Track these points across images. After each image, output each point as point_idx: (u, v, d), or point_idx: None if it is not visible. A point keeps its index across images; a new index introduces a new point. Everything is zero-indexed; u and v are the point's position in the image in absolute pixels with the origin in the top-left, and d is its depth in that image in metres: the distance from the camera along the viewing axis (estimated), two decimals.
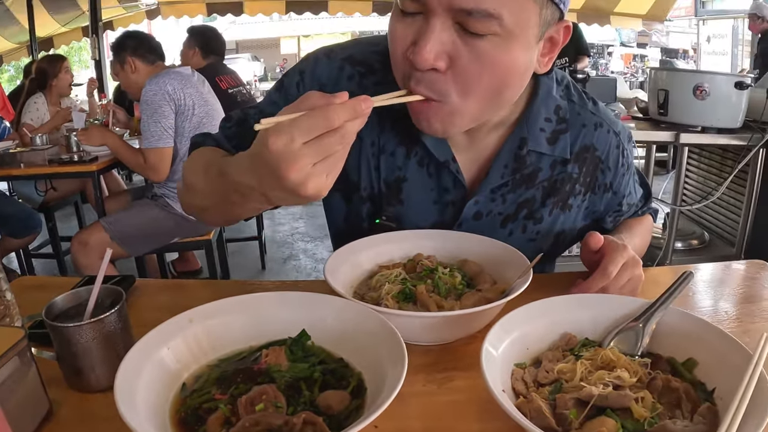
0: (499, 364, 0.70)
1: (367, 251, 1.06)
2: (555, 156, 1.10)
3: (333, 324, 0.79)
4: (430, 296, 0.90)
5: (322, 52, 1.12)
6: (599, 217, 1.24)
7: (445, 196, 1.11)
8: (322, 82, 1.08)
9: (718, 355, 0.72)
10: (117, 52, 3.08)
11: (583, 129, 1.12)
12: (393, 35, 0.89)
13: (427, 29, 0.83)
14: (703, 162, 4.27)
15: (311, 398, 0.67)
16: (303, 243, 5.12)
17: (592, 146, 1.13)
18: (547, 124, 1.08)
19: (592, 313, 0.82)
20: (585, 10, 8.41)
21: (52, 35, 9.71)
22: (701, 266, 1.26)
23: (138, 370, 0.65)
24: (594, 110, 1.15)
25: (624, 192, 1.22)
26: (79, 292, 0.83)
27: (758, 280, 1.17)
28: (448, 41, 0.83)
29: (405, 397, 0.72)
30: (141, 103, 2.85)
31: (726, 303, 1.08)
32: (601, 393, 0.63)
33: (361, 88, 1.06)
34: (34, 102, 4.54)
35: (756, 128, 3.53)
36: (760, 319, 1.00)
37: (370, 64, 1.08)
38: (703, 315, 0.99)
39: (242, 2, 8.75)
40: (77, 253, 2.81)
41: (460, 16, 0.81)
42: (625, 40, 26.72)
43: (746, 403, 0.61)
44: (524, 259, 0.96)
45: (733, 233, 3.98)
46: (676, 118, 3.67)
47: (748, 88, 3.51)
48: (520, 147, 1.07)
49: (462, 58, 0.84)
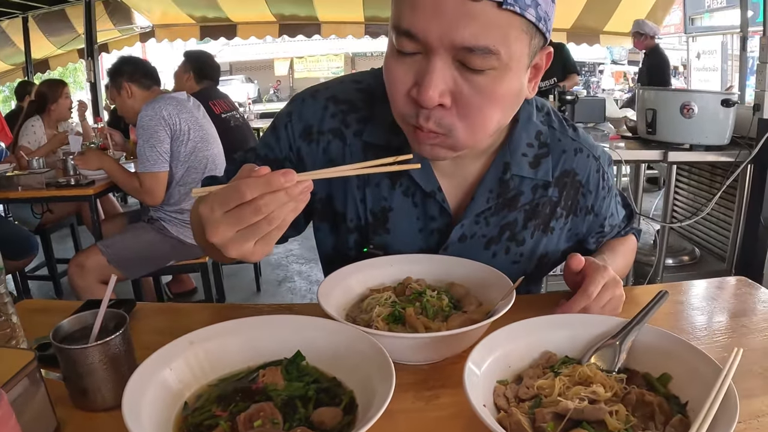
0: (482, 381, 0.74)
1: (358, 275, 1.10)
2: (537, 179, 1.14)
3: (326, 345, 0.83)
4: (418, 318, 0.94)
5: (308, 93, 1.18)
6: (582, 238, 1.28)
7: (430, 224, 1.16)
8: (309, 122, 1.14)
9: (691, 369, 0.76)
10: (113, 78, 3.14)
11: (564, 154, 1.17)
12: (393, 77, 0.93)
13: (429, 69, 0.86)
14: (693, 179, 4.34)
15: (306, 415, 0.71)
16: (297, 265, 5.16)
17: (572, 171, 1.18)
18: (529, 149, 1.13)
19: (571, 332, 0.86)
20: (575, 29, 8.58)
21: (47, 57, 9.80)
22: (684, 284, 1.31)
23: (142, 389, 0.69)
24: (574, 136, 1.20)
25: (605, 214, 1.27)
26: (84, 316, 0.86)
27: (739, 296, 1.22)
28: (450, 79, 0.88)
29: (394, 413, 0.76)
30: (137, 128, 2.90)
31: (707, 318, 1.12)
32: (577, 407, 0.68)
33: (344, 125, 1.13)
34: (31, 125, 4.57)
35: (743, 144, 3.60)
36: (738, 334, 1.04)
37: (353, 102, 1.14)
38: (685, 331, 1.04)
39: (235, 25, 8.88)
40: (74, 275, 2.84)
41: (460, 54, 0.85)
42: (616, 58, 26.92)
43: (714, 413, 0.66)
44: (508, 281, 1.01)
45: (723, 249, 4.04)
46: (664, 137, 3.73)
47: (734, 106, 3.58)
48: (503, 172, 1.11)
49: (464, 93, 0.88)
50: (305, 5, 8.20)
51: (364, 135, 1.12)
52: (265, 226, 0.74)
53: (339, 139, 1.13)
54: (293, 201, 0.73)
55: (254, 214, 0.72)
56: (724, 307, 1.18)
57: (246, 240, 0.75)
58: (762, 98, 3.54)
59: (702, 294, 1.27)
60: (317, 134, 1.14)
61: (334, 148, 1.14)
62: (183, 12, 8.51)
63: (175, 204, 3.05)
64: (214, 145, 3.17)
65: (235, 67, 29.95)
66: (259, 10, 8.32)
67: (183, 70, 4.02)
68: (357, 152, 1.13)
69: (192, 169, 3.03)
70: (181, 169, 3.00)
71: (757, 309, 1.15)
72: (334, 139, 1.13)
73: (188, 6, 8.34)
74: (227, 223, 0.74)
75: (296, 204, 0.74)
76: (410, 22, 0.85)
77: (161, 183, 2.94)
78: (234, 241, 0.75)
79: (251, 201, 0.72)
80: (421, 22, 0.84)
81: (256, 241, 0.76)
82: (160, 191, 2.96)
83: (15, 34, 8.97)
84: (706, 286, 1.31)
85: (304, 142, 1.14)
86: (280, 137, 1.16)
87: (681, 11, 17.61)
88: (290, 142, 1.15)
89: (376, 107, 1.12)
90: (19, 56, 9.41)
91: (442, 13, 0.82)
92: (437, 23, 0.83)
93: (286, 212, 0.74)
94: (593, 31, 8.65)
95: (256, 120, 8.43)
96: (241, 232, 0.74)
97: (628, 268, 1.36)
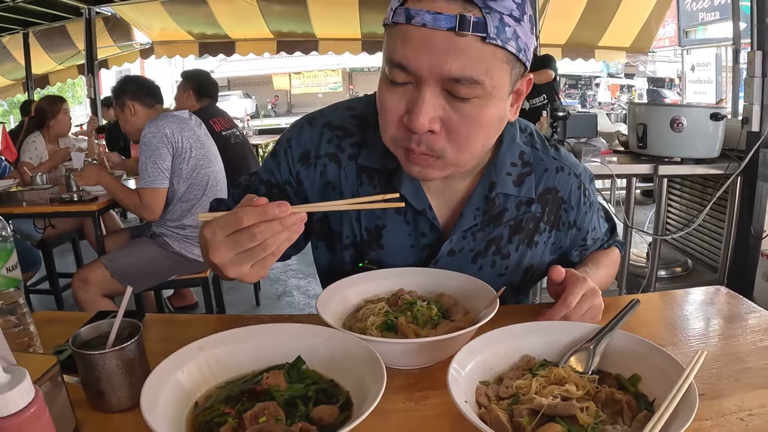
0: (465, 381, 0.81)
1: (354, 288, 1.17)
2: (521, 197, 1.22)
3: (324, 351, 0.90)
4: (409, 326, 1.01)
5: (305, 120, 1.27)
6: (566, 251, 1.36)
7: (421, 239, 1.24)
8: (306, 147, 1.23)
9: (659, 370, 0.83)
10: (117, 96, 3.22)
11: (546, 173, 1.25)
12: (385, 105, 1.01)
13: (419, 98, 0.95)
14: (685, 191, 4.41)
15: (306, 412, 0.78)
16: (296, 280, 5.22)
17: (554, 188, 1.26)
18: (513, 168, 1.21)
19: (549, 338, 0.93)
20: (569, 45, 8.67)
21: (47, 72, 9.92)
22: (665, 293, 1.39)
23: (157, 389, 0.77)
24: (555, 155, 1.28)
25: (588, 228, 1.35)
26: (100, 325, 0.94)
27: (717, 304, 1.30)
28: (438, 107, 0.96)
29: (387, 413, 0.85)
30: (140, 145, 2.98)
31: (684, 325, 1.20)
32: (551, 403, 0.75)
33: (339, 149, 1.21)
34: (32, 141, 4.66)
35: (733, 157, 3.68)
36: (712, 340, 1.12)
37: (346, 128, 1.23)
38: (661, 337, 1.11)
39: (234, 42, 8.99)
40: (78, 289, 2.91)
41: (448, 84, 0.94)
42: (613, 71, 27.12)
43: (673, 407, 0.73)
44: (493, 292, 1.08)
45: (715, 260, 4.11)
46: (655, 151, 3.81)
47: (723, 119, 3.66)
48: (489, 190, 1.19)
49: (452, 120, 0.97)
50: (303, 22, 8.32)
51: (360, 159, 1.20)
52: (259, 252, 0.83)
53: (335, 162, 1.22)
54: (287, 231, 0.83)
55: (250, 240, 0.82)
56: (701, 315, 1.26)
57: (243, 263, 0.85)
58: (750, 111, 3.62)
59: (682, 302, 1.35)
60: (314, 158, 1.23)
61: (330, 171, 1.22)
62: (182, 29, 8.63)
63: (177, 220, 3.13)
64: (215, 162, 3.25)
65: (233, 82, 30.12)
66: (258, 27, 8.43)
67: (182, 89, 4.11)
68: (352, 175, 1.21)
69: (194, 185, 3.11)
70: (183, 186, 3.08)
71: (734, 317, 1.22)
72: (331, 163, 1.22)
73: (187, 23, 8.47)
74: (227, 246, 0.83)
75: (290, 234, 0.83)
76: (402, 56, 0.94)
77: (160, 199, 3.02)
78: (232, 263, 0.85)
79: (248, 228, 0.81)
80: (413, 56, 0.93)
81: (252, 265, 0.85)
82: (159, 207, 3.03)
83: (16, 50, 9.10)
84: (685, 294, 1.38)
85: (302, 166, 1.23)
86: (281, 162, 1.25)
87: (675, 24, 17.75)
88: (290, 167, 1.24)
89: (369, 132, 1.20)
90: (20, 71, 9.53)
91: (432, 47, 0.91)
92: (427, 56, 0.91)
93: (280, 241, 0.83)
94: (588, 46, 8.75)
95: (255, 136, 8.48)
96: (239, 255, 0.84)
97: (611, 279, 1.43)
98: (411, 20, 0.92)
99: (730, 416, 0.85)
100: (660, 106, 4.36)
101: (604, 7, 7.63)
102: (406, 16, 0.92)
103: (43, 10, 7.51)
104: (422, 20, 0.90)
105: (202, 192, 3.13)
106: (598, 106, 21.92)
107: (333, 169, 1.22)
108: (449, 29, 0.90)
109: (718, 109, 3.81)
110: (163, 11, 7.89)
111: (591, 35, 8.41)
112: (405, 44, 0.94)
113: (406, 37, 0.93)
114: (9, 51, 9.24)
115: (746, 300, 1.29)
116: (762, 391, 0.91)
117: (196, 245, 3.16)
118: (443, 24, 0.90)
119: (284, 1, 7.70)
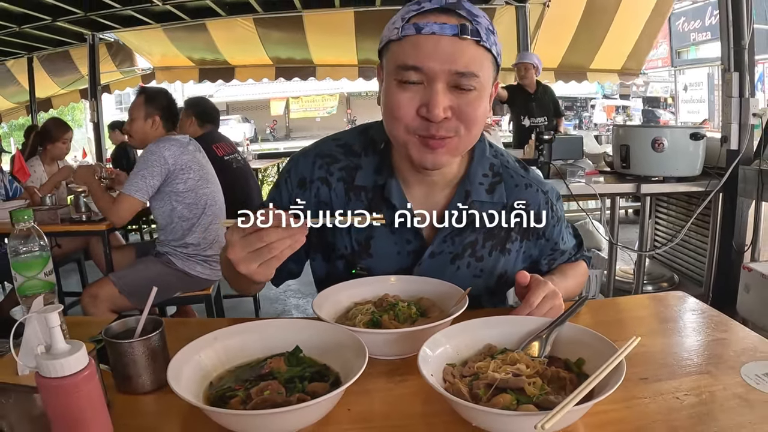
0: (434, 362, 0.99)
1: (345, 292, 1.35)
2: (494, 203, 1.41)
3: (318, 341, 1.08)
4: (391, 322, 1.19)
5: (300, 154, 1.49)
6: (535, 260, 1.53)
7: (406, 246, 1.41)
8: (303, 175, 1.44)
9: (600, 354, 0.98)
10: (149, 103, 3.34)
11: (516, 188, 1.44)
12: (400, 103, 1.21)
13: (434, 93, 1.17)
14: (671, 209, 4.55)
15: (302, 388, 0.94)
16: (295, 299, 5.37)
17: (524, 202, 1.44)
18: (484, 179, 1.41)
19: (509, 329, 1.11)
20: (562, 67, 8.80)
21: (50, 96, 10.11)
22: (626, 298, 1.56)
23: (180, 369, 0.94)
24: (524, 174, 1.48)
25: (556, 239, 1.53)
26: (127, 321, 1.11)
27: (671, 306, 1.45)
28: (447, 99, 1.19)
29: (371, 392, 1.03)
30: (139, 157, 3.17)
31: (639, 323, 1.38)
32: (503, 378, 0.91)
33: (328, 174, 1.42)
34: (30, 165, 4.86)
35: (714, 174, 3.82)
36: (662, 335, 1.29)
37: (334, 156, 1.44)
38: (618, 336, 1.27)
39: (233, 68, 9.18)
40: (88, 305, 3.07)
41: (454, 79, 1.17)
42: (608, 93, 27.34)
43: (603, 375, 0.89)
44: (465, 296, 1.24)
45: (701, 274, 4.24)
46: (638, 171, 3.97)
47: (703, 138, 3.81)
48: (465, 198, 1.38)
49: (459, 106, 1.20)
50: (301, 49, 8.53)
51: (355, 180, 1.41)
52: (266, 253, 1.02)
53: (326, 185, 1.42)
54: (290, 238, 1.02)
55: (259, 241, 1.01)
56: (654, 314, 1.43)
57: (252, 261, 1.03)
58: (729, 130, 3.79)
59: (640, 305, 1.53)
60: (309, 183, 1.43)
61: (323, 193, 1.42)
62: (183, 55, 8.84)
63: (179, 239, 3.29)
64: (212, 183, 3.42)
65: (232, 106, 30.27)
66: (257, 53, 8.65)
67: (185, 116, 4.28)
68: (341, 194, 1.41)
69: (193, 205, 3.26)
70: (183, 205, 3.25)
71: (684, 316, 1.40)
72: (322, 186, 1.42)
73: (188, 49, 8.67)
74: (240, 246, 1.02)
75: (293, 242, 1.03)
76: (415, 59, 1.17)
77: (132, 208, 3.16)
78: (243, 260, 1.03)
79: (259, 231, 1.01)
80: (426, 58, 1.17)
81: (259, 264, 1.04)
82: (127, 215, 3.18)
83: (20, 74, 9.31)
84: (644, 299, 1.55)
85: (300, 191, 1.44)
86: (282, 191, 1.46)
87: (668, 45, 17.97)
88: (290, 193, 1.45)
89: (361, 158, 1.42)
90: (23, 95, 9.72)
91: (441, 49, 1.16)
92: (438, 58, 1.16)
93: (284, 246, 1.03)
94: (580, 69, 8.89)
95: (255, 161, 8.54)
96: (249, 254, 1.03)
97: (579, 288, 1.61)
98: (421, 31, 1.16)
99: (667, 395, 1.00)
100: (642, 128, 4.53)
101: (594, 30, 7.77)
102: (416, 29, 1.16)
103: (47, 36, 7.70)
104: (431, 30, 1.15)
105: (201, 211, 3.29)
106: (594, 127, 22.16)
107: (324, 191, 1.42)
108: (454, 35, 1.15)
109: (698, 129, 3.98)
110: (164, 37, 8.09)
111: (583, 58, 8.56)
112: (418, 50, 1.17)
113: (417, 44, 1.17)
114: (13, 75, 9.44)
115: (698, 301, 1.45)
116: (699, 377, 1.06)
117: (199, 263, 3.33)
118: (449, 31, 1.15)
119: (283, 28, 7.89)
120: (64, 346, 0.79)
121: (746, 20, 3.72)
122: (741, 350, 1.16)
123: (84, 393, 0.79)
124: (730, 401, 0.98)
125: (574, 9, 7.39)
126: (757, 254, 3.77)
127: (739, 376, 1.05)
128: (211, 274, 3.39)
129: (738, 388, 1.01)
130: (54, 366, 0.77)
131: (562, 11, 7.33)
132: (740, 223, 3.84)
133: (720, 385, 1.03)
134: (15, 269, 1.18)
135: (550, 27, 7.44)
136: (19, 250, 1.17)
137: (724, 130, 3.87)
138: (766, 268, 3.21)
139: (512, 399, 0.88)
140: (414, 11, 1.19)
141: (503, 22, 7.38)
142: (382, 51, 1.28)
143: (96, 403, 0.82)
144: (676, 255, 4.63)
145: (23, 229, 1.18)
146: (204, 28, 7.84)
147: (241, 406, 0.89)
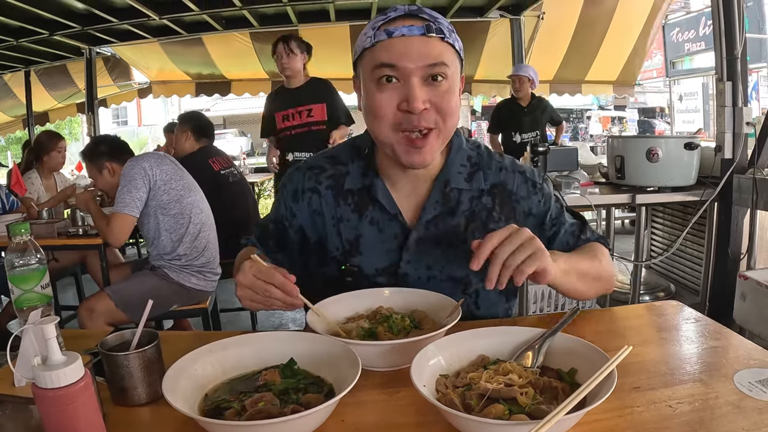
0: (427, 372, 0.99)
1: (340, 304, 1.36)
2: (472, 190, 1.47)
3: (312, 353, 1.09)
4: (385, 333, 1.20)
5: (293, 169, 1.60)
6: None
7: (393, 242, 1.47)
8: (295, 187, 1.55)
9: (592, 364, 0.98)
10: (92, 159, 3.39)
11: (492, 173, 1.51)
12: (381, 102, 1.31)
13: (411, 87, 1.27)
14: (667, 218, 4.57)
15: (297, 399, 0.95)
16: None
17: (501, 183, 1.51)
18: (462, 168, 1.48)
19: (501, 339, 1.11)
20: (557, 81, 8.86)
21: (47, 110, 10.16)
22: (621, 308, 1.57)
23: (175, 381, 0.94)
24: (500, 159, 1.55)
25: (548, 215, 1.52)
26: (123, 333, 1.12)
27: (667, 316, 1.46)
28: (424, 92, 1.28)
29: (365, 403, 1.03)
30: (120, 177, 3.19)
31: (634, 333, 1.38)
32: (495, 388, 0.92)
33: (317, 183, 1.52)
34: (28, 178, 4.88)
35: (708, 183, 3.83)
36: (656, 345, 1.29)
37: (322, 166, 1.55)
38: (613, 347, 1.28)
39: (230, 82, 9.25)
40: (85, 318, 3.07)
41: (427, 72, 1.27)
42: (603, 104, 27.43)
43: (594, 384, 0.89)
44: (458, 307, 1.25)
45: (697, 283, 4.24)
46: (633, 181, 3.99)
47: (698, 148, 3.83)
48: (445, 186, 1.46)
49: (435, 97, 1.29)
50: None
51: (345, 185, 1.49)
52: (265, 301, 1.18)
53: (316, 194, 1.51)
54: (283, 303, 1.16)
55: (262, 290, 1.16)
56: (649, 323, 1.44)
57: (249, 298, 1.20)
58: (723, 139, 3.81)
59: (636, 315, 1.54)
60: (301, 194, 1.53)
61: (314, 202, 1.52)
62: (179, 69, 8.89)
63: (171, 252, 3.28)
64: (195, 191, 3.43)
65: (229, 120, 30.24)
66: (253, 67, 8.72)
67: (180, 131, 4.31)
68: (330, 200, 1.50)
69: (179, 215, 3.26)
70: (168, 217, 3.25)
71: (678, 325, 1.40)
72: (313, 195, 1.51)
73: (184, 64, 8.72)
74: (248, 282, 1.18)
75: (287, 305, 1.17)
76: (389, 58, 1.28)
77: (127, 226, 3.17)
78: (244, 293, 1.19)
79: (266, 283, 1.16)
80: (399, 57, 1.27)
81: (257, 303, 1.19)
82: (124, 234, 3.19)
83: (17, 87, 9.36)
84: (640, 308, 1.56)
85: (293, 202, 1.54)
86: (279, 204, 1.58)
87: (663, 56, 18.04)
88: (285, 205, 1.55)
89: (341, 165, 1.53)
90: (20, 108, 9.76)
91: (412, 48, 1.27)
92: (410, 56, 1.27)
93: (276, 303, 1.17)
94: (575, 81, 8.95)
95: (251, 174, 8.50)
96: (250, 292, 1.18)
97: (595, 270, 1.46)
98: (392, 35, 1.27)
99: (660, 404, 1.00)
100: (636, 138, 4.56)
101: (588, 43, 7.83)
102: (387, 33, 1.28)
103: (45, 50, 7.74)
104: (401, 32, 1.27)
105: (188, 221, 3.29)
106: (590, 138, 22.22)
107: (315, 200, 1.52)
108: (422, 34, 1.27)
109: (692, 138, 4.00)
110: (161, 51, 8.15)
111: (577, 70, 8.62)
112: (391, 51, 1.28)
113: (390, 47, 1.28)
114: (10, 88, 9.50)
115: (693, 310, 1.45)
116: (692, 385, 1.07)
117: (194, 274, 3.33)
118: (416, 31, 1.27)
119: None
120: (60, 357, 0.80)
121: (739, 30, 3.74)
122: (734, 358, 1.17)
123: (80, 404, 0.80)
124: (723, 408, 0.98)
125: (567, 21, 7.45)
126: (752, 262, 3.79)
127: (732, 384, 1.05)
128: (206, 286, 3.38)
129: (731, 396, 1.02)
130: (50, 377, 0.78)
131: (556, 23, 7.38)
132: (735, 231, 3.86)
133: (713, 393, 1.03)
134: (12, 282, 1.19)
135: (545, 39, 7.49)
136: (15, 264, 1.18)
137: (718, 140, 3.89)
138: (762, 276, 3.21)
139: (504, 409, 0.89)
140: (382, 20, 1.31)
141: (498, 34, 7.43)
142: (357, 62, 1.39)
143: (92, 414, 0.83)
144: (672, 264, 4.64)
145: (20, 243, 1.19)
146: (200, 42, 7.90)
147: (236, 417, 0.89)
